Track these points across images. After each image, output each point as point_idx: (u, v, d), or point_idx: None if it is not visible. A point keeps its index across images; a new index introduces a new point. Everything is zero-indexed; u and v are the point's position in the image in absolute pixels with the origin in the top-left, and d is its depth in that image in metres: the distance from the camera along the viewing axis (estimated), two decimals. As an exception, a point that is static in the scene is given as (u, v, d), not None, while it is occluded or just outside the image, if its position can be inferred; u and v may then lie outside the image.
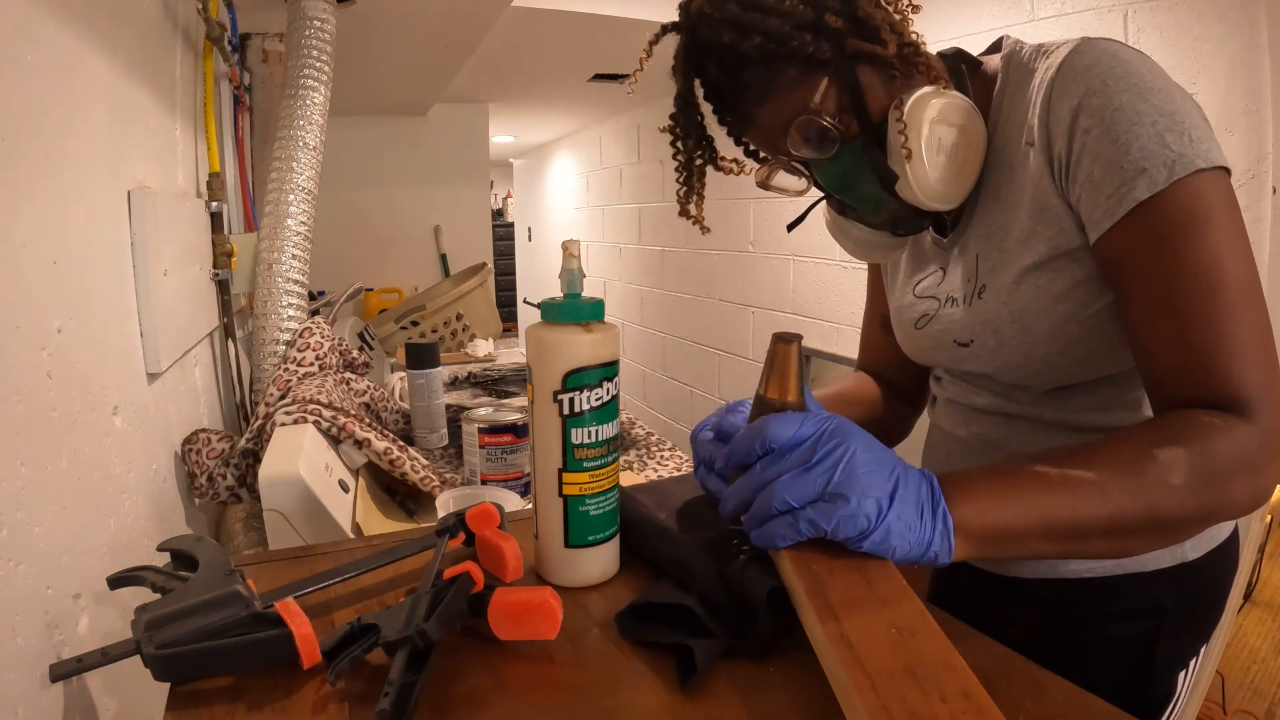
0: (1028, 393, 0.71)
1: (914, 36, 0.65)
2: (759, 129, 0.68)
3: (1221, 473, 0.51)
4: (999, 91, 0.67)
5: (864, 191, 0.68)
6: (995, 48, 0.71)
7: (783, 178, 0.74)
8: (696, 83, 0.69)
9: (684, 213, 0.74)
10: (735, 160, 0.75)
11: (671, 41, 0.69)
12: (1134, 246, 0.56)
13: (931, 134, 0.62)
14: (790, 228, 0.81)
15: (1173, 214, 0.54)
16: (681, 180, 0.73)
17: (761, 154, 0.74)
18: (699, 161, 0.72)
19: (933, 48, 0.67)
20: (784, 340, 0.53)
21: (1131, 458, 0.51)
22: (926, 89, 0.63)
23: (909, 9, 0.65)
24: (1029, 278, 0.64)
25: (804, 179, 0.72)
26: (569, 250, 0.56)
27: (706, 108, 0.71)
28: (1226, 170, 0.56)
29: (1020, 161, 0.64)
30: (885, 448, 0.49)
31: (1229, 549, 0.73)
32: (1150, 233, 0.55)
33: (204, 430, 1.04)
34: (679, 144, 0.72)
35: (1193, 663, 0.73)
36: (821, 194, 0.75)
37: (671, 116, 0.71)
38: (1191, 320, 0.54)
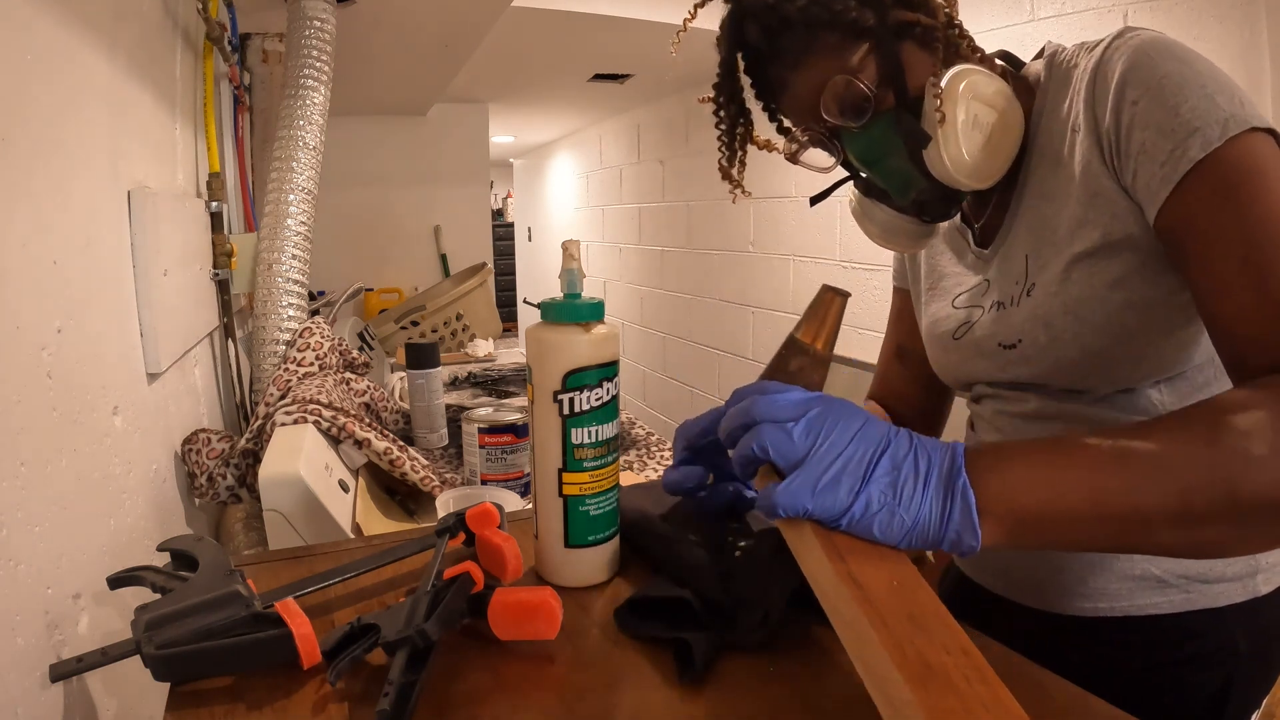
0: (1083, 398, 0.65)
1: (959, 20, 0.63)
2: (793, 95, 0.66)
3: None
4: (1042, 89, 0.65)
5: (892, 165, 0.65)
6: (1039, 55, 0.70)
7: (812, 154, 0.71)
8: (738, 56, 0.69)
9: (725, 176, 0.74)
10: (769, 141, 0.74)
11: (694, 42, 0.68)
12: (1197, 209, 0.52)
13: (968, 109, 0.61)
14: (814, 201, 0.80)
15: (1232, 171, 0.51)
16: (724, 144, 0.73)
17: (793, 129, 0.72)
18: (740, 130, 0.72)
19: None
20: (835, 292, 0.54)
21: (1202, 427, 0.44)
22: (967, 66, 0.62)
23: None
24: (1080, 266, 0.60)
25: (833, 155, 0.69)
26: (569, 250, 0.56)
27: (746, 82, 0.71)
28: (1278, 138, 0.52)
29: (1067, 153, 0.62)
30: (876, 419, 0.44)
31: None
32: (1211, 192, 0.51)
33: (204, 430, 1.04)
34: (721, 112, 0.72)
35: (1255, 715, 0.69)
36: (848, 174, 0.73)
37: (714, 85, 0.71)
38: (1273, 275, 0.48)
